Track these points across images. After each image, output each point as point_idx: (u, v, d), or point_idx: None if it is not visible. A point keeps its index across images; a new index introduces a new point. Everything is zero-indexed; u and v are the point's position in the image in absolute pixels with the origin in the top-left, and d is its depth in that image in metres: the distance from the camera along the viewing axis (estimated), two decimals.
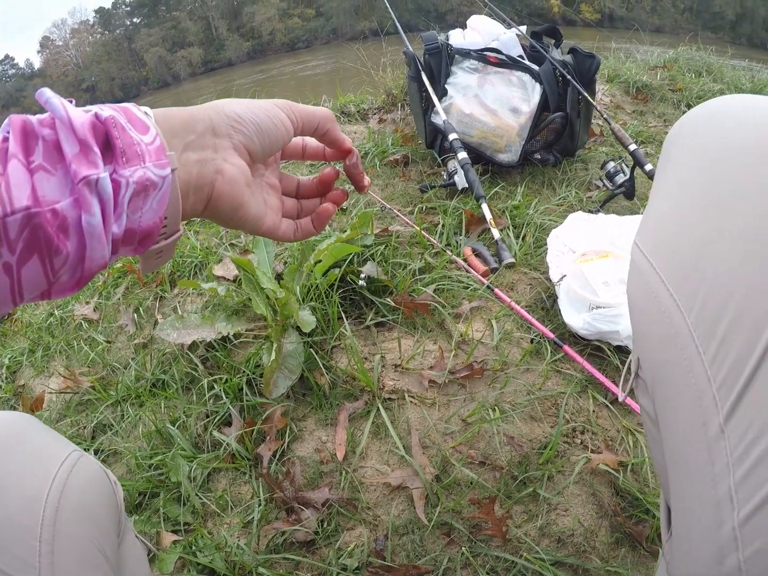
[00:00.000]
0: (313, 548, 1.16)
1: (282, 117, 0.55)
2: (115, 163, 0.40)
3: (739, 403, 0.40)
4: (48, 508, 0.59)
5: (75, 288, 0.43)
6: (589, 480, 1.20)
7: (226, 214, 0.54)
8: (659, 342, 0.50)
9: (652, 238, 0.55)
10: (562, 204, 2.18)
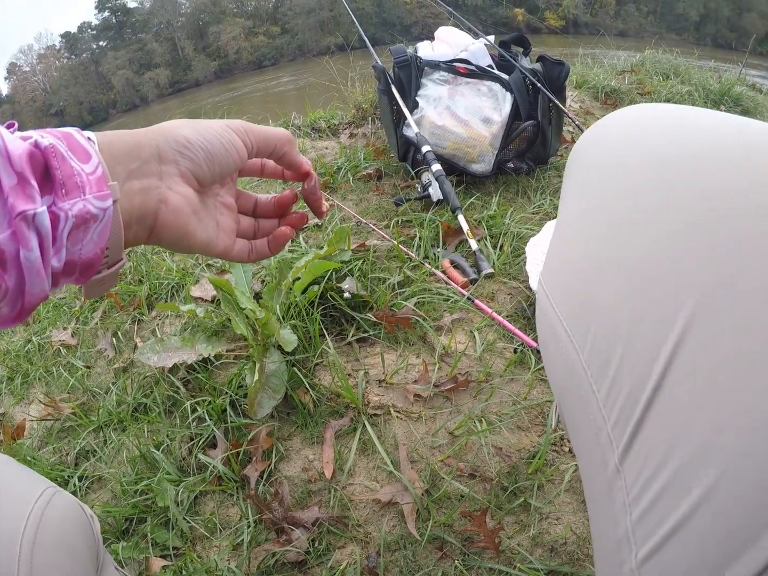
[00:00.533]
0: (305, 568, 1.14)
1: (235, 141, 0.54)
2: (54, 194, 0.40)
3: (633, 443, 0.39)
4: (24, 544, 0.57)
5: (16, 320, 0.42)
6: (580, 488, 1.20)
7: (170, 242, 0.52)
8: (561, 379, 0.50)
9: (550, 275, 0.55)
10: (537, 212, 2.20)
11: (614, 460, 0.40)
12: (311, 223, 2.33)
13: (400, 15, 75.53)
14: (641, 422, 0.39)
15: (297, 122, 3.79)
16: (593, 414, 0.43)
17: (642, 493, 0.38)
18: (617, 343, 0.41)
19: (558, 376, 0.51)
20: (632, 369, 0.40)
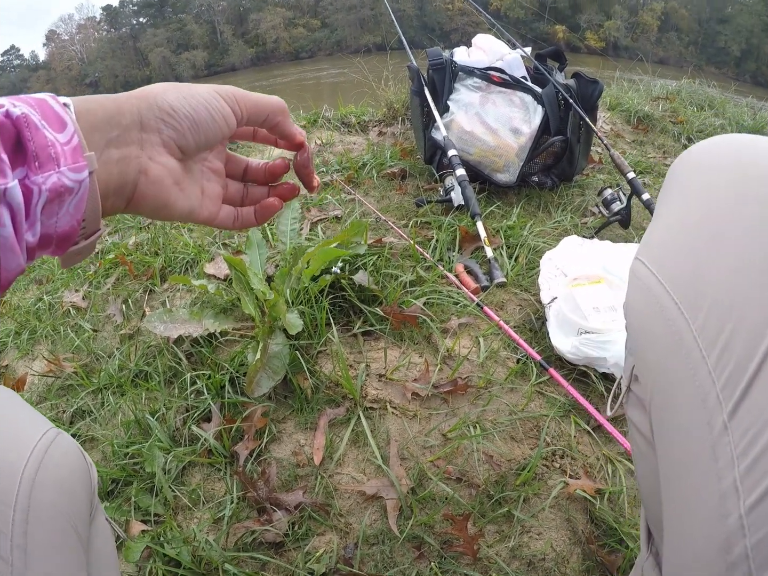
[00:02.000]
0: (282, 550, 1.15)
1: (224, 109, 0.52)
2: (27, 167, 0.38)
3: (742, 401, 0.42)
4: (25, 478, 0.57)
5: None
6: (565, 505, 1.20)
7: (149, 212, 0.51)
8: (663, 349, 0.52)
9: (656, 253, 0.58)
10: (557, 228, 2.19)
11: (722, 419, 0.43)
12: (331, 215, 2.33)
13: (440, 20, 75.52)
14: (750, 385, 0.42)
15: (328, 115, 3.81)
16: (701, 379, 0.46)
17: (749, 447, 0.41)
18: (730, 315, 0.45)
19: (659, 347, 0.53)
20: (744, 338, 0.44)
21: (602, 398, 1.43)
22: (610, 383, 1.45)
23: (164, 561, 1.13)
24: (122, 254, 2.25)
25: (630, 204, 2.11)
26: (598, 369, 1.46)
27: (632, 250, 1.80)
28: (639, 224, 2.27)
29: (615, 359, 1.40)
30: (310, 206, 2.46)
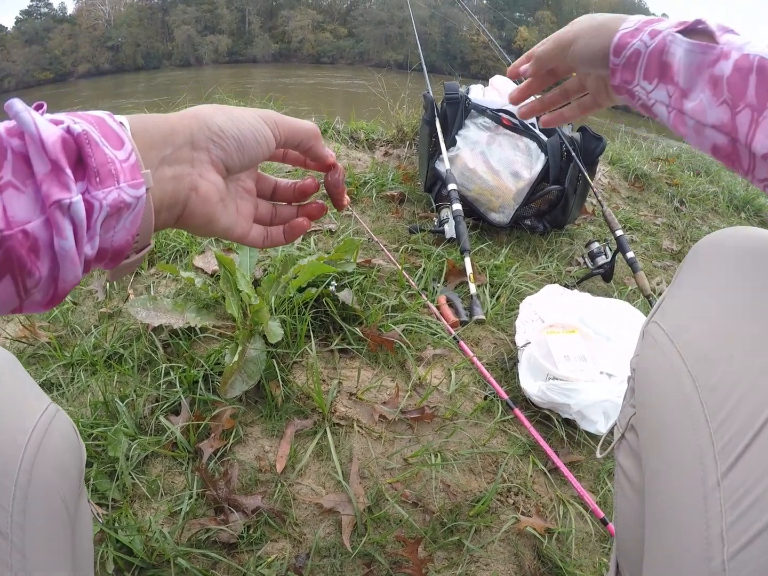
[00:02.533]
0: (235, 551, 1.17)
1: (266, 132, 0.55)
2: (87, 182, 0.40)
3: (735, 464, 0.50)
4: (27, 455, 0.58)
5: (48, 306, 0.43)
6: (515, 540, 1.23)
7: (196, 228, 0.54)
8: (670, 408, 0.59)
9: (676, 323, 0.65)
10: (541, 273, 2.24)
11: (716, 477, 0.51)
12: (325, 228, 2.36)
13: (463, 50, 75.89)
14: (744, 452, 0.50)
15: (338, 127, 3.84)
16: (702, 439, 0.53)
17: (737, 503, 0.48)
18: (736, 391, 0.53)
19: (666, 404, 0.60)
20: (745, 412, 0.51)
21: (561, 442, 1.47)
22: (571, 429, 1.49)
23: (116, 547, 1.13)
24: None
25: (614, 260, 2.16)
26: (562, 414, 1.50)
27: (610, 304, 1.85)
28: (620, 280, 2.32)
29: (578, 407, 1.45)
30: None
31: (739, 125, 0.55)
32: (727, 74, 0.56)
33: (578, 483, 1.30)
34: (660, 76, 0.64)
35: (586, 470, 1.41)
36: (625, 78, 0.68)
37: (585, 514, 1.30)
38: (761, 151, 0.54)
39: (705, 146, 0.61)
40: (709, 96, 0.58)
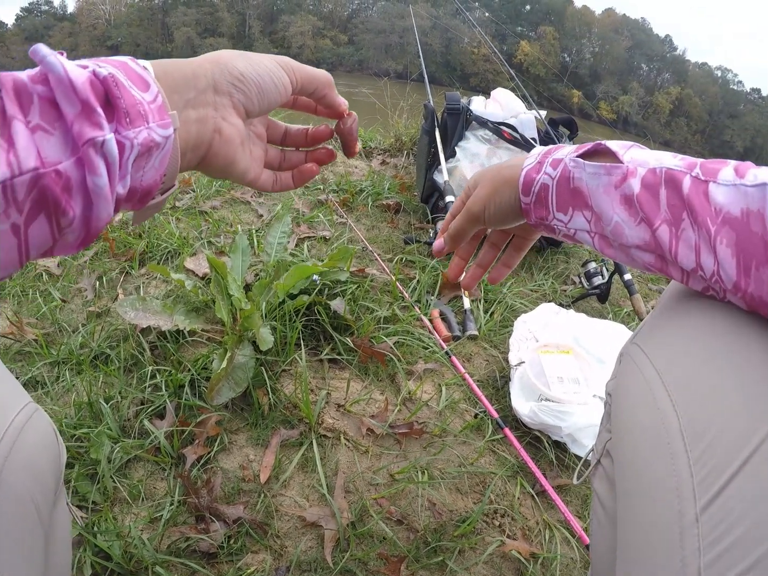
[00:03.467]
0: (214, 561, 1.14)
1: (284, 78, 0.56)
2: (117, 123, 0.41)
3: (715, 499, 0.46)
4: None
5: (80, 247, 0.44)
6: (499, 563, 1.21)
7: (217, 170, 0.56)
8: (647, 434, 0.55)
9: (657, 346, 0.61)
10: (536, 291, 2.23)
11: (695, 511, 0.47)
12: (320, 234, 2.35)
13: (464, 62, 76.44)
14: (725, 486, 0.46)
15: None
16: (680, 470, 0.50)
17: (716, 542, 0.45)
18: (718, 421, 0.49)
19: (643, 431, 0.56)
20: (727, 444, 0.48)
21: (551, 465, 1.45)
22: (561, 451, 1.48)
23: (94, 552, 1.11)
24: (105, 230, 2.24)
25: (611, 281, 2.15)
26: (552, 436, 1.48)
27: (605, 326, 1.84)
28: (616, 301, 2.31)
29: (569, 430, 1.43)
30: (301, 222, 2.47)
31: (661, 242, 0.54)
32: (637, 192, 0.55)
33: (565, 507, 1.28)
34: (573, 205, 0.62)
35: (574, 494, 1.39)
36: (540, 215, 0.67)
37: (571, 539, 1.28)
38: (689, 267, 0.53)
39: (638, 265, 0.60)
40: (625, 217, 0.57)
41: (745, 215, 0.48)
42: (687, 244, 0.52)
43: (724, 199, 0.49)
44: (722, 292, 0.54)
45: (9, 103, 0.37)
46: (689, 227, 0.52)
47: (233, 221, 2.48)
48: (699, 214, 0.51)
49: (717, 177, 0.51)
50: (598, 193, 0.59)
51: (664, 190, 0.53)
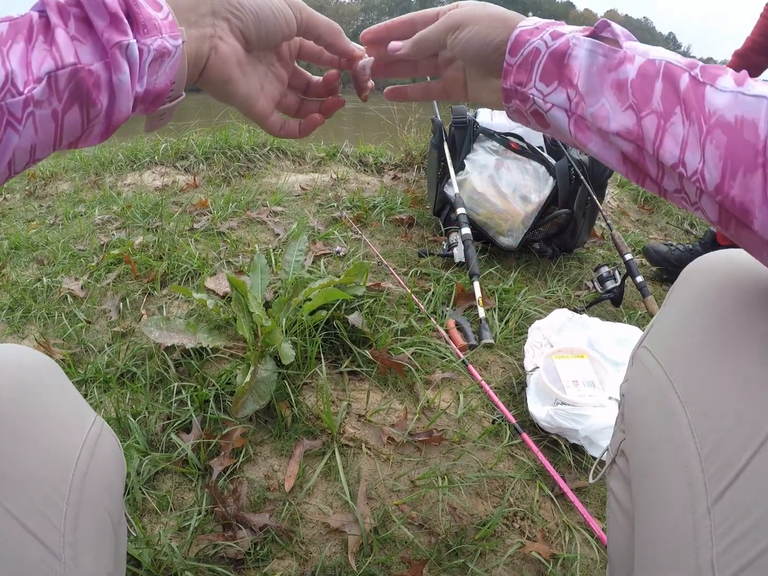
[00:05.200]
0: (241, 567, 1.18)
1: (286, 10, 0.62)
2: (137, 33, 0.48)
3: (725, 492, 0.49)
4: (78, 472, 0.59)
5: (101, 138, 0.51)
6: (519, 565, 1.24)
7: (215, 85, 0.62)
8: (659, 432, 0.59)
9: (665, 348, 0.64)
10: (550, 297, 2.25)
11: (706, 504, 0.49)
12: (334, 251, 2.39)
13: None
14: (735, 479, 0.48)
15: (347, 150, 3.88)
16: (691, 465, 0.53)
17: (727, 532, 0.47)
18: (727, 417, 0.52)
19: (654, 429, 0.60)
20: (736, 439, 0.50)
21: (569, 467, 1.47)
22: (578, 454, 1.50)
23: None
24: (127, 252, 2.30)
25: (624, 284, 2.17)
26: (569, 439, 1.51)
27: (620, 330, 1.86)
28: (630, 304, 2.32)
29: (586, 432, 1.45)
30: (317, 239, 2.52)
31: (645, 131, 0.52)
32: (632, 77, 0.53)
33: (584, 509, 1.30)
34: (560, 79, 0.58)
35: (593, 496, 1.42)
36: (519, 79, 0.61)
37: (591, 540, 1.30)
38: (670, 161, 0.51)
39: (611, 153, 0.57)
40: (613, 101, 0.54)
41: (739, 122, 0.47)
42: (673, 137, 0.51)
43: (719, 103, 0.48)
44: (697, 195, 0.51)
45: (53, 16, 0.44)
46: (680, 122, 0.50)
47: (251, 241, 2.53)
48: (693, 110, 0.50)
49: (716, 82, 0.50)
50: (591, 73, 0.56)
51: (660, 82, 0.52)
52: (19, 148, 0.44)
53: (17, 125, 0.43)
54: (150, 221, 2.77)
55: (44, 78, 0.43)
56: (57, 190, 3.72)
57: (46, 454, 0.58)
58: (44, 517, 0.53)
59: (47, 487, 0.55)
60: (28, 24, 0.44)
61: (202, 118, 4.55)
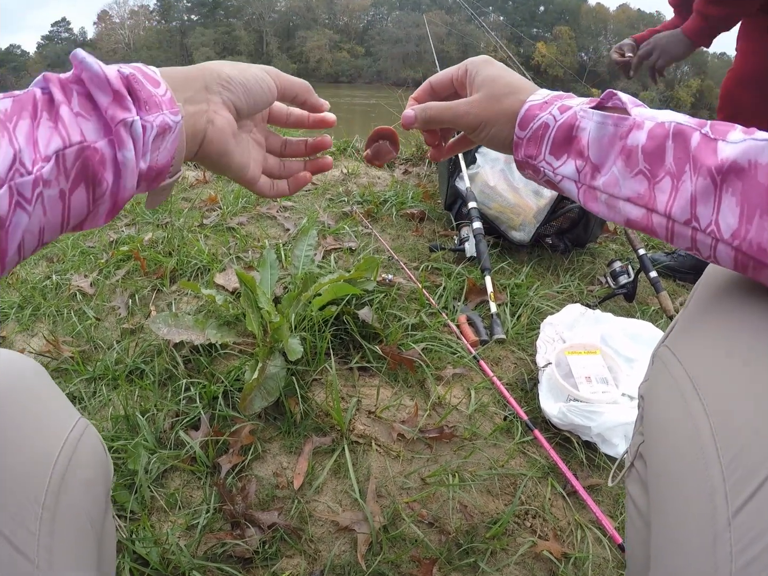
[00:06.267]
0: (249, 566, 1.17)
1: (269, 81, 0.66)
2: (139, 109, 0.49)
3: (747, 503, 0.46)
4: (55, 474, 0.58)
5: (107, 218, 0.52)
6: (530, 564, 1.22)
7: (213, 158, 0.64)
8: (679, 437, 0.56)
9: (687, 349, 0.62)
10: (562, 292, 2.23)
11: (727, 516, 0.47)
12: (346, 246, 2.38)
13: None
14: (757, 490, 0.46)
15: (358, 145, 3.87)
16: (712, 474, 0.50)
17: (748, 547, 0.44)
18: (750, 424, 0.49)
19: (674, 434, 0.57)
20: (759, 447, 0.47)
21: (581, 465, 1.45)
22: (591, 451, 1.48)
23: (133, 558, 1.15)
24: (136, 249, 2.29)
25: (637, 279, 2.15)
26: (582, 437, 1.49)
27: (633, 325, 1.84)
28: (643, 299, 2.30)
29: (599, 429, 1.43)
30: (327, 234, 2.51)
31: (658, 194, 0.54)
32: (642, 143, 0.56)
33: (597, 507, 1.28)
34: (568, 152, 0.63)
35: (605, 494, 1.40)
36: (529, 153, 0.67)
37: (603, 539, 1.28)
38: (682, 218, 0.53)
39: (619, 220, 0.60)
40: (621, 168, 0.57)
41: (753, 167, 0.48)
42: (684, 196, 0.52)
43: (732, 152, 0.50)
44: (711, 247, 0.52)
45: (57, 92, 0.46)
46: (689, 179, 0.52)
47: (260, 236, 2.52)
48: (703, 164, 0.51)
49: (726, 137, 0.51)
50: (602, 143, 0.59)
51: (671, 142, 0.54)
52: (29, 230, 0.43)
53: (27, 206, 0.42)
54: (159, 217, 2.76)
55: (52, 156, 0.43)
56: None
57: (21, 456, 0.57)
58: (16, 521, 0.53)
59: (21, 491, 0.55)
60: (32, 100, 0.45)
61: None
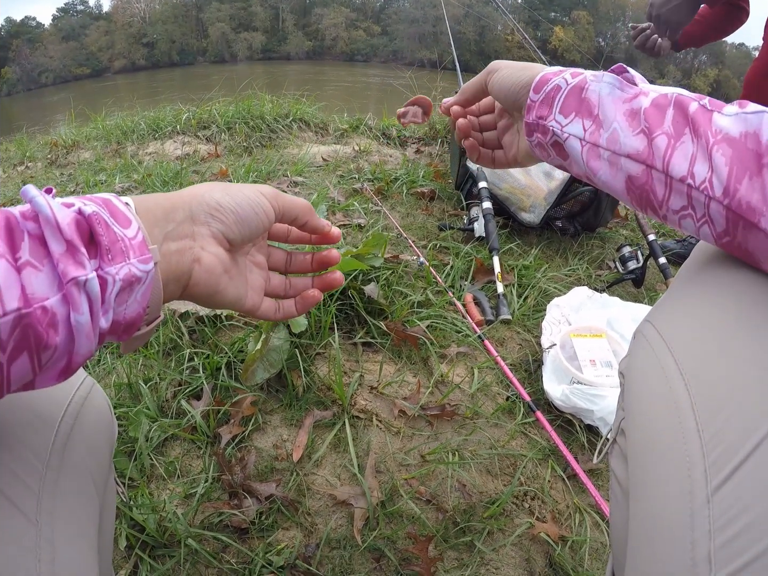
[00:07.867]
0: (246, 536, 1.17)
1: (265, 205, 0.58)
2: (100, 259, 0.42)
3: (727, 481, 0.45)
4: (60, 434, 0.57)
5: (60, 378, 0.44)
6: (527, 545, 1.22)
7: (202, 298, 0.56)
8: (658, 411, 0.55)
9: (669, 323, 0.61)
10: (570, 275, 2.21)
11: (706, 493, 0.46)
12: (355, 222, 2.37)
13: (498, 49, 75.56)
14: (737, 468, 0.45)
15: (370, 123, 3.85)
16: (692, 450, 0.49)
17: (727, 525, 0.44)
18: (732, 400, 0.49)
19: (654, 408, 0.56)
20: (740, 424, 0.47)
21: (582, 448, 1.45)
22: (593, 435, 1.47)
23: (130, 524, 1.15)
24: None
25: (646, 265, 2.13)
26: (584, 420, 1.48)
27: (640, 311, 1.83)
28: (652, 286, 2.28)
29: (602, 413, 1.43)
30: (336, 210, 2.49)
31: (656, 149, 0.56)
32: (645, 107, 0.58)
33: (596, 491, 1.28)
34: (577, 111, 0.65)
35: (605, 478, 1.39)
36: (541, 113, 0.68)
37: (601, 523, 1.28)
38: (679, 174, 0.55)
39: (619, 179, 0.61)
40: (625, 126, 0.60)
41: (743, 136, 0.51)
42: (683, 153, 0.54)
43: (725, 123, 0.53)
44: (705, 205, 0.54)
45: (0, 242, 0.38)
46: (689, 141, 0.54)
47: None
48: (701, 127, 0.54)
49: (722, 109, 0.54)
50: (607, 101, 0.62)
51: (671, 110, 0.57)
52: None
53: None
54: (170, 189, 2.75)
55: None
56: (78, 159, 3.73)
57: (25, 414, 0.56)
58: (17, 479, 0.51)
59: (24, 449, 0.53)
60: None
61: (223, 88, 4.54)
